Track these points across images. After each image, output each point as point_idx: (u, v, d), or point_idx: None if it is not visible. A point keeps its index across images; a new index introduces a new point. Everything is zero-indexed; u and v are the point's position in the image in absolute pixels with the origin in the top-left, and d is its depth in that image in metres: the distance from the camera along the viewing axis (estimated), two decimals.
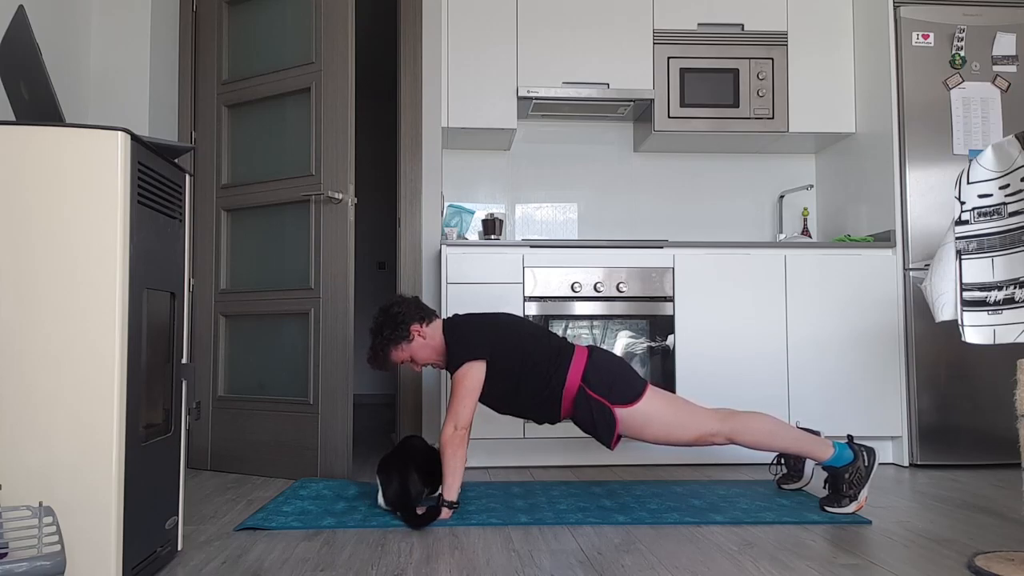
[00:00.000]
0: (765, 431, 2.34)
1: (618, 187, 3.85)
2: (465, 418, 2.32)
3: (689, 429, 2.35)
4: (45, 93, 1.62)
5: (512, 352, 2.42)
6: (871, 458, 2.29)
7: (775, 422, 2.37)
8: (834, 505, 2.28)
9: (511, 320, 2.53)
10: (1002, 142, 1.83)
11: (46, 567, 1.31)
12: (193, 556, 1.89)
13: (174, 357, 1.86)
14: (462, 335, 2.44)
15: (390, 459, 2.36)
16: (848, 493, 2.27)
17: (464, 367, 2.38)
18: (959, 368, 3.12)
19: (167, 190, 1.77)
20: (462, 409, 2.33)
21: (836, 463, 2.30)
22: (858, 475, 2.27)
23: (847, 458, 2.29)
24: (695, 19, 3.53)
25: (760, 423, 2.35)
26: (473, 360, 2.39)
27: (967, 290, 1.87)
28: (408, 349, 2.49)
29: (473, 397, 2.36)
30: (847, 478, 2.28)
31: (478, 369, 2.39)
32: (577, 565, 1.82)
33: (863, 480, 2.27)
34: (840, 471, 2.29)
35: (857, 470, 2.28)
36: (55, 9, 2.64)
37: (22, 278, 1.50)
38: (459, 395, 2.35)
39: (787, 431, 2.35)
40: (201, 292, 3.15)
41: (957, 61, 3.21)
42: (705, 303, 3.18)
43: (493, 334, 2.44)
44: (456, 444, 2.29)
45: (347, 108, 2.88)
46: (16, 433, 1.49)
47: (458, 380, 2.38)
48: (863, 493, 2.27)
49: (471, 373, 2.38)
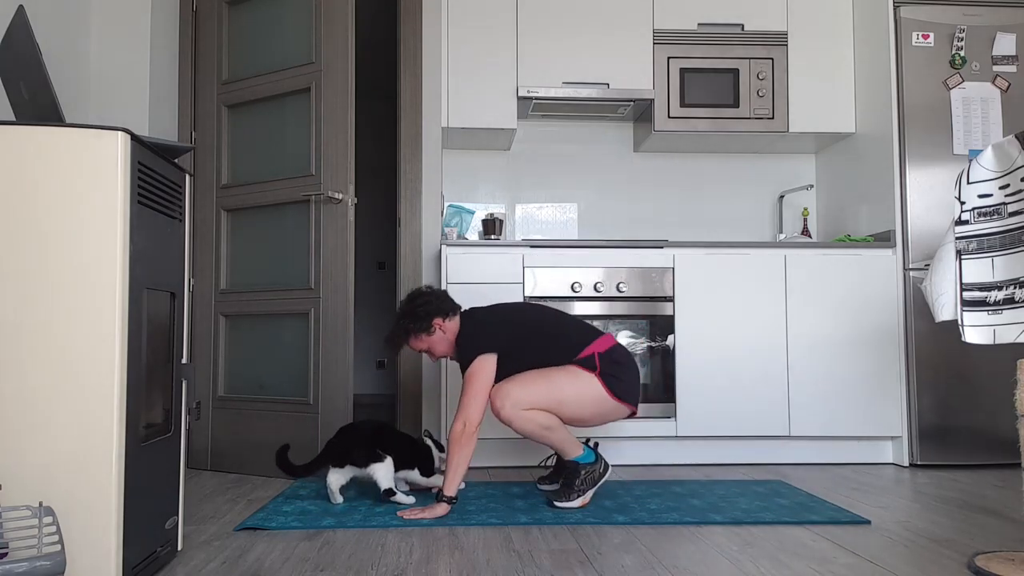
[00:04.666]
0: (534, 431, 2.38)
1: (618, 187, 3.85)
2: (476, 416, 2.33)
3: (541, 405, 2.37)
4: (45, 93, 1.62)
5: (527, 339, 2.45)
6: (605, 468, 2.43)
7: (538, 427, 2.39)
8: (563, 500, 2.37)
9: (529, 308, 2.56)
10: (1002, 142, 1.83)
11: (46, 567, 1.31)
12: (193, 556, 1.89)
13: (174, 357, 1.86)
14: (474, 329, 2.47)
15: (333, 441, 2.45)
16: (579, 489, 2.38)
17: (476, 362, 2.39)
18: (959, 368, 3.12)
19: (167, 190, 1.77)
20: (474, 406, 2.34)
21: (581, 460, 2.40)
22: (592, 476, 2.40)
23: (589, 458, 2.41)
24: (695, 19, 3.53)
25: (531, 425, 2.38)
26: (484, 354, 2.40)
27: (967, 290, 1.87)
28: (427, 341, 2.52)
29: (485, 395, 2.37)
30: (583, 475, 2.38)
31: (490, 364, 2.40)
32: (577, 565, 1.82)
33: (595, 482, 2.40)
34: (580, 467, 2.39)
35: (594, 471, 2.40)
36: (55, 9, 2.64)
37: (22, 278, 1.50)
38: (471, 392, 2.36)
39: (548, 434, 2.39)
40: (201, 292, 3.15)
41: (957, 61, 3.21)
42: (705, 303, 3.18)
43: (506, 326, 2.46)
44: (464, 442, 2.30)
45: (347, 108, 2.88)
46: (16, 433, 1.49)
47: (471, 376, 2.38)
48: (589, 494, 2.39)
49: (483, 368, 2.38)
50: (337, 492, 2.43)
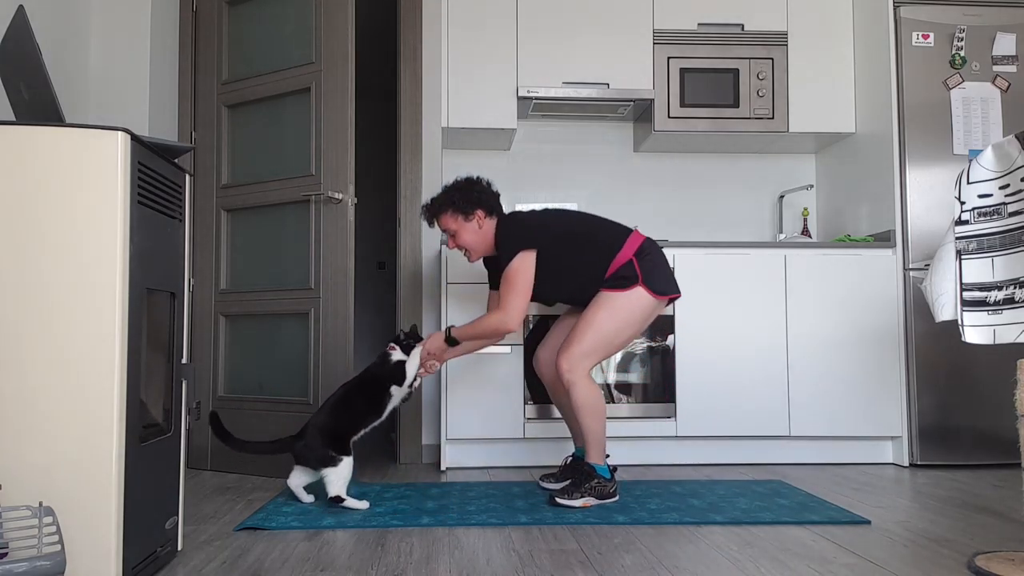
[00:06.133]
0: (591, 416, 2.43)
1: (618, 187, 3.85)
2: (518, 315, 2.41)
3: (576, 354, 2.42)
4: (45, 93, 1.62)
5: (563, 237, 2.49)
6: (615, 491, 2.45)
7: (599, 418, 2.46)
8: (566, 497, 2.37)
9: (563, 213, 2.60)
10: (1002, 142, 1.83)
11: (46, 567, 1.31)
12: (193, 556, 1.89)
13: (174, 357, 1.86)
14: (516, 228, 2.50)
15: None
16: (586, 492, 2.39)
17: (518, 258, 2.43)
18: (959, 368, 3.12)
19: (167, 190, 1.77)
20: (516, 303, 2.41)
21: (599, 469, 2.43)
22: (602, 489, 2.41)
23: (606, 473, 2.44)
24: (695, 19, 3.53)
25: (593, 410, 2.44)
26: (524, 250, 2.43)
27: (967, 290, 1.87)
28: (460, 224, 2.52)
29: (527, 294, 2.43)
30: (595, 484, 2.40)
31: (530, 261, 2.44)
32: (577, 565, 1.82)
33: (602, 496, 2.41)
34: (596, 475, 2.41)
35: (605, 486, 2.41)
36: (55, 9, 2.64)
37: (22, 278, 1.50)
38: (515, 288, 2.41)
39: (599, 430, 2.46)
40: (201, 292, 3.15)
41: (957, 61, 3.21)
42: (705, 303, 3.18)
43: (545, 229, 2.50)
44: (493, 330, 2.42)
45: (347, 108, 2.88)
46: (16, 433, 1.49)
47: (514, 272, 2.43)
48: (593, 501, 2.39)
49: (524, 266, 2.43)
50: (301, 491, 2.42)
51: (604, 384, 3.14)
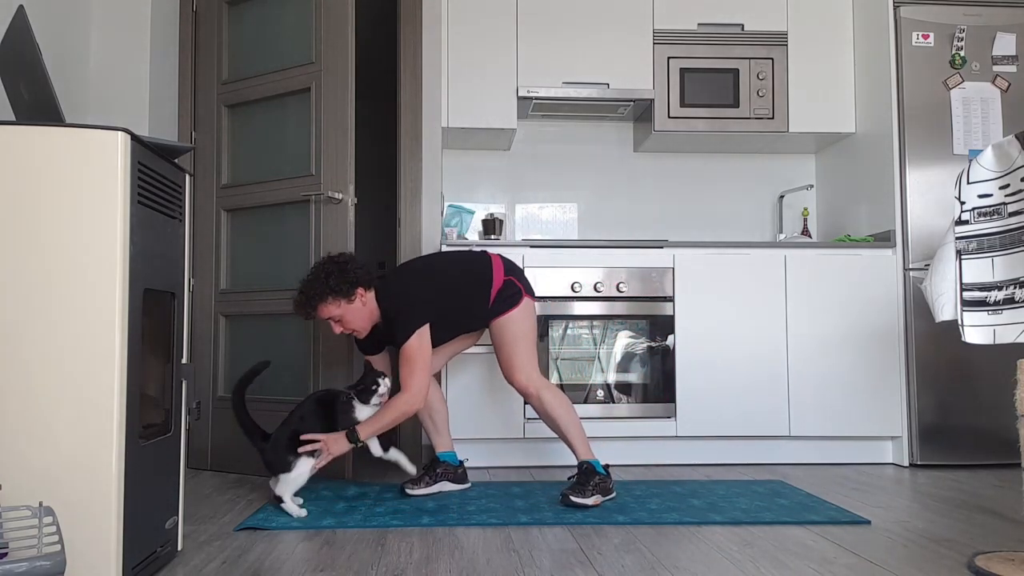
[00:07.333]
0: (567, 412, 2.49)
1: (618, 187, 3.85)
2: (423, 393, 2.38)
3: (525, 365, 2.49)
4: (45, 93, 1.62)
5: (446, 290, 2.49)
6: (613, 487, 2.49)
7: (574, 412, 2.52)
8: (579, 495, 2.36)
9: (435, 263, 2.58)
10: (1002, 142, 1.83)
11: (46, 567, 1.31)
12: (193, 556, 1.89)
13: (174, 357, 1.86)
14: (403, 306, 2.41)
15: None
16: (593, 489, 2.39)
17: (414, 338, 2.38)
18: (959, 368, 3.12)
19: (167, 190, 1.77)
20: (420, 381, 2.37)
21: (596, 465, 2.45)
22: (604, 486, 2.43)
23: (602, 471, 2.46)
24: (695, 19, 3.53)
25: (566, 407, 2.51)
26: (419, 328, 2.39)
27: (967, 290, 1.87)
28: (344, 307, 2.39)
29: (428, 368, 2.41)
30: (597, 481, 2.41)
31: (426, 336, 2.42)
32: (577, 565, 1.82)
33: (605, 492, 2.43)
34: (596, 472, 2.43)
35: (606, 482, 2.44)
36: (55, 9, 2.64)
37: (22, 278, 1.50)
38: (416, 368, 2.37)
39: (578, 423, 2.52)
40: (201, 292, 3.15)
41: (957, 61, 3.21)
42: (705, 303, 3.18)
43: (422, 289, 2.47)
44: (401, 413, 2.36)
45: (347, 108, 2.88)
46: (16, 433, 1.49)
47: (414, 352, 2.37)
48: (599, 499, 2.40)
49: (423, 343, 2.40)
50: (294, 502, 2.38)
51: (604, 384, 3.15)
